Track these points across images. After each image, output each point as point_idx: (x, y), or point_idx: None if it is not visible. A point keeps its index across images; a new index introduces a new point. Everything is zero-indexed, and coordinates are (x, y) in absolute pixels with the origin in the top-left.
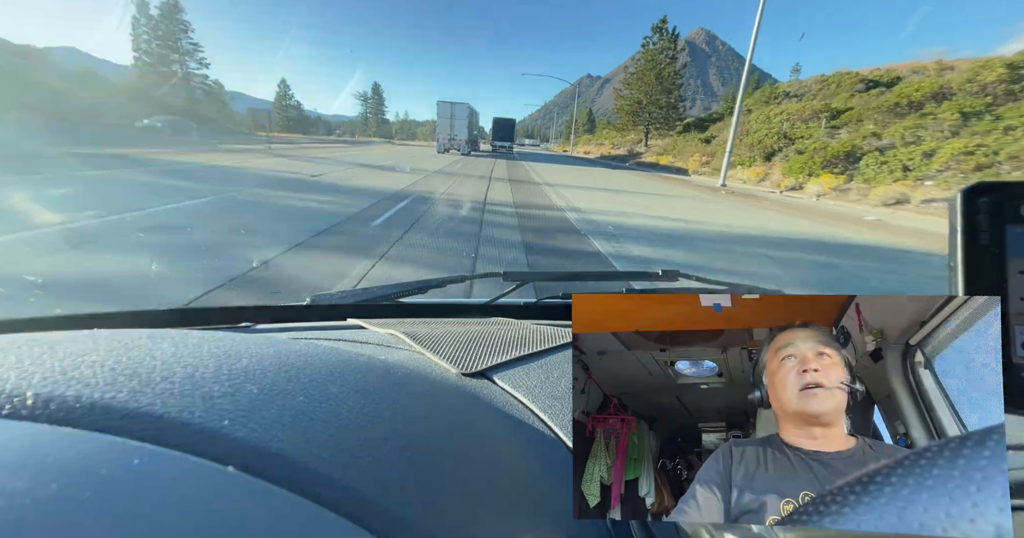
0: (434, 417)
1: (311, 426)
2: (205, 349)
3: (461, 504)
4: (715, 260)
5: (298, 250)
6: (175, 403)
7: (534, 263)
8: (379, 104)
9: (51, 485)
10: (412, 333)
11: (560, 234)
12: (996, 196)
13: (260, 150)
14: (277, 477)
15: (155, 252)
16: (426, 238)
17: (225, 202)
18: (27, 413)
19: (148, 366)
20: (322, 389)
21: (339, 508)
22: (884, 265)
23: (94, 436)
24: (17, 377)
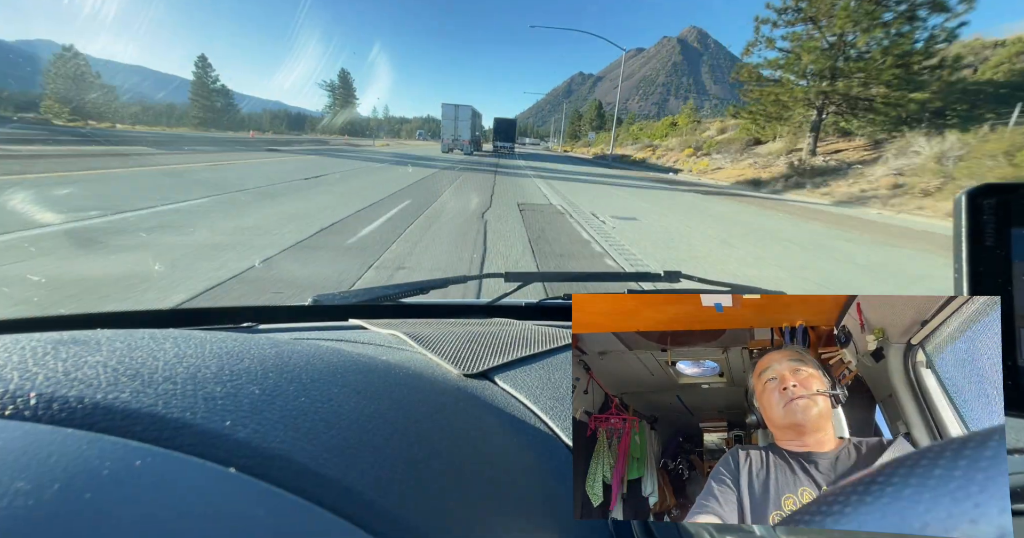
0: (435, 418)
1: (313, 427)
2: (207, 350)
3: (462, 505)
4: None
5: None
6: (177, 404)
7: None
8: (348, 95)
9: (53, 486)
10: (414, 334)
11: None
12: (1001, 198)
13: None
14: (279, 478)
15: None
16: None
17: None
18: (30, 414)
19: (150, 367)
20: (324, 390)
21: (340, 509)
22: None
23: (96, 437)
24: (20, 377)
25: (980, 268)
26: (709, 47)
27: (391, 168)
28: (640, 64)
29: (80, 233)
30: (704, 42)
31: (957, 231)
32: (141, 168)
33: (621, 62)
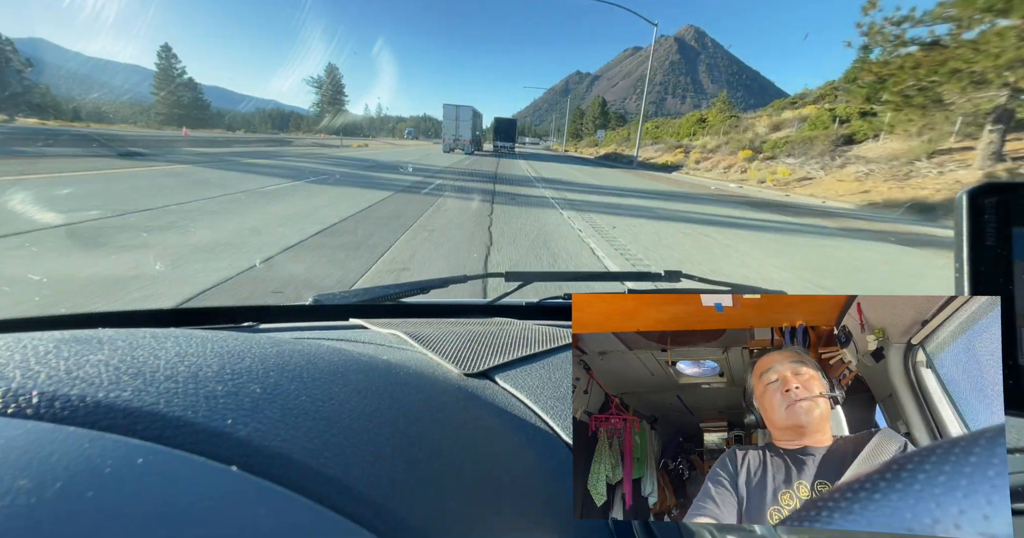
0: (436, 417)
1: (314, 426)
2: (208, 349)
3: (463, 504)
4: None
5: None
6: (179, 403)
7: None
8: (336, 92)
9: (55, 484)
10: (414, 333)
11: None
12: (1002, 197)
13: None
14: (280, 477)
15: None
16: None
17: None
18: (32, 412)
19: (152, 366)
20: (325, 389)
21: (341, 508)
22: None
23: (98, 435)
24: (23, 376)
25: (981, 267)
26: (707, 46)
27: (290, 194)
28: (637, 63)
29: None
30: (702, 41)
31: (958, 230)
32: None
33: (653, 34)
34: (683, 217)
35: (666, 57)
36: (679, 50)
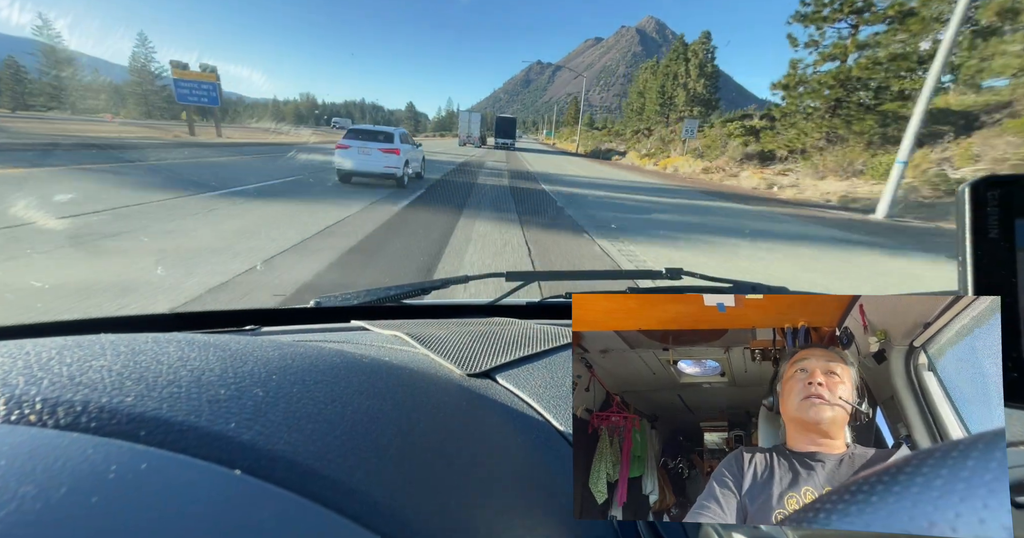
0: (439, 418)
1: (317, 428)
2: (211, 353)
3: (467, 505)
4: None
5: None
6: (182, 407)
7: None
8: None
9: (59, 490)
10: (416, 334)
11: None
12: (1005, 189)
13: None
14: (284, 480)
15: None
16: None
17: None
18: (35, 418)
19: (154, 371)
20: (327, 391)
21: (345, 510)
22: None
23: (102, 441)
24: (25, 382)
25: (984, 259)
26: (668, 39)
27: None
28: (600, 54)
29: None
30: (663, 33)
31: (960, 223)
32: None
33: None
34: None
35: (628, 48)
36: (640, 41)
